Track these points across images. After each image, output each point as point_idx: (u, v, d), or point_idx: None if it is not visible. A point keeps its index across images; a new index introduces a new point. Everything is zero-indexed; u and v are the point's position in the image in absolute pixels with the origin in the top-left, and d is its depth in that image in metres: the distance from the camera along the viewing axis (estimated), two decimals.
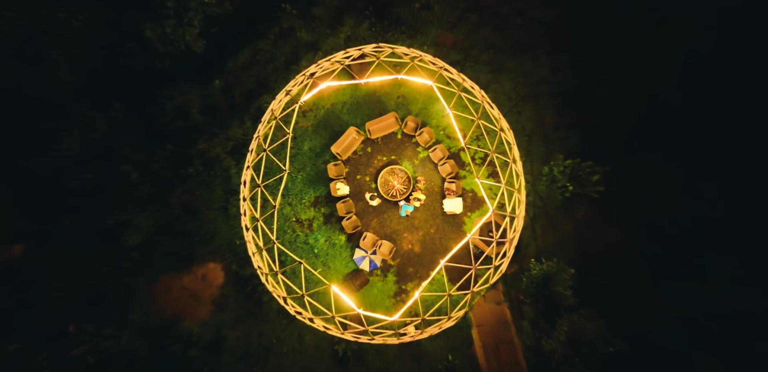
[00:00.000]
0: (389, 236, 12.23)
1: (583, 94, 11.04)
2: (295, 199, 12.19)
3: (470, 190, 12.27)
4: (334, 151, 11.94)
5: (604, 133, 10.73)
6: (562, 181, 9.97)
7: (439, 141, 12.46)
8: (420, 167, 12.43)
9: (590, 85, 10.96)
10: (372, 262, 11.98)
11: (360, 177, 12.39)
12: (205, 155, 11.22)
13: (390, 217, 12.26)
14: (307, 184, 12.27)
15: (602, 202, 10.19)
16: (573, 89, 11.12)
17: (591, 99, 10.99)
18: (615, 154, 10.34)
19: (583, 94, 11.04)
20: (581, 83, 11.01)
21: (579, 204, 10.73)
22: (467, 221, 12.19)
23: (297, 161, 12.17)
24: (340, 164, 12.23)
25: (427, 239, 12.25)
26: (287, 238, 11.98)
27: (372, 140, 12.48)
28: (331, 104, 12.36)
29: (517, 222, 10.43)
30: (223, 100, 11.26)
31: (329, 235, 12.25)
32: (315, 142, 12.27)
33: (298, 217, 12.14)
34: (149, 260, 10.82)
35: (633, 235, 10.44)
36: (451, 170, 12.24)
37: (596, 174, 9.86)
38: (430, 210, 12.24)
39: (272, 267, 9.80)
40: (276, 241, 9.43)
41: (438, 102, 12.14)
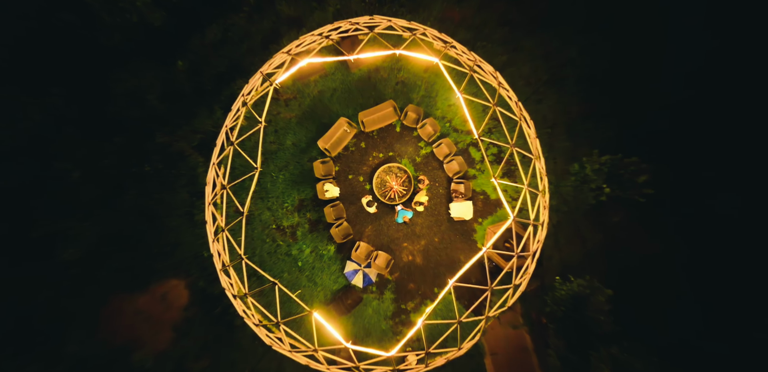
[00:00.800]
0: (386, 246, 9.98)
1: (622, 77, 8.77)
2: (275, 203, 9.91)
3: (481, 192, 10.01)
4: (322, 146, 9.69)
5: (650, 124, 8.47)
6: (597, 181, 7.77)
7: (445, 134, 10.21)
8: (422, 165, 10.18)
9: (631, 66, 8.70)
10: (366, 277, 9.73)
11: (352, 177, 10.13)
12: (166, 151, 8.98)
13: (387, 223, 10.02)
14: (290, 185, 10.00)
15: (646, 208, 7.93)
16: (607, 72, 8.86)
17: (633, 82, 8.73)
18: (665, 150, 8.09)
19: (622, 77, 8.77)
20: (618, 64, 8.75)
21: (614, 209, 8.47)
22: (478, 229, 9.93)
23: (277, 158, 9.90)
24: (328, 162, 9.95)
25: (431, 250, 10.00)
26: (266, 248, 9.70)
27: (366, 134, 10.22)
28: (318, 92, 10.09)
29: (541, 231, 8.13)
30: (188, 86, 8.99)
31: (316, 245, 9.99)
32: (299, 136, 10.01)
33: (279, 224, 9.87)
34: (93, 278, 8.57)
35: (687, 249, 8.19)
36: (458, 169, 9.98)
37: (643, 173, 7.61)
38: (434, 215, 9.99)
39: (241, 288, 7.51)
40: (244, 256, 7.16)
41: (443, 89, 9.89)
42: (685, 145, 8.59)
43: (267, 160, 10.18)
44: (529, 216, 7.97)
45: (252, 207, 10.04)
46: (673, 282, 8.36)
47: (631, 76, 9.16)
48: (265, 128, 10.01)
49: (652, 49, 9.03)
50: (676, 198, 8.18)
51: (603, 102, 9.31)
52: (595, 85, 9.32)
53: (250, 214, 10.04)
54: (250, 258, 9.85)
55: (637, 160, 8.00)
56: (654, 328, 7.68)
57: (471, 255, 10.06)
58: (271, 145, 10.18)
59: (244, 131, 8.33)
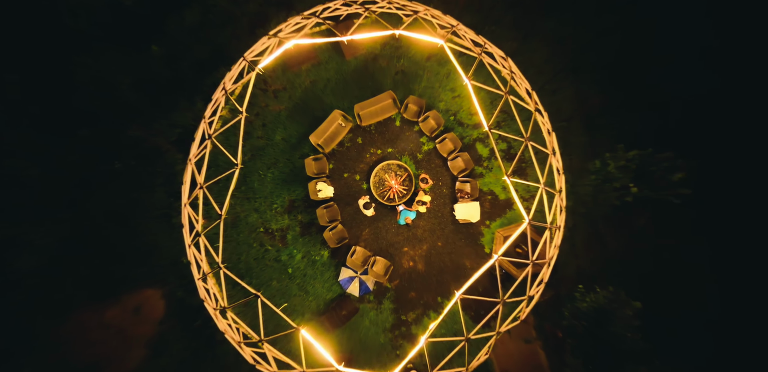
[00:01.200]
0: (385, 251, 8.90)
1: (648, 63, 7.67)
2: (263, 204, 8.79)
3: (489, 192, 8.91)
4: (314, 141, 8.59)
5: (683, 115, 7.38)
6: (623, 180, 6.66)
7: (449, 129, 9.10)
8: (425, 163, 9.08)
9: (660, 49, 7.60)
10: (363, 285, 8.64)
11: (348, 175, 9.03)
12: (139, 146, 7.87)
13: (386, 226, 8.92)
14: (280, 184, 8.89)
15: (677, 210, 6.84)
16: (631, 57, 7.76)
17: (662, 68, 7.63)
18: (700, 144, 7.00)
19: (648, 63, 7.67)
20: (644, 48, 7.65)
21: (638, 211, 7.38)
22: (486, 232, 8.83)
23: (265, 155, 8.79)
24: (321, 159, 8.85)
25: (434, 255, 8.90)
26: (252, 254, 8.58)
27: (363, 128, 9.12)
28: (311, 82, 8.97)
29: (558, 236, 7.03)
30: (165, 74, 7.86)
31: (308, 249, 8.88)
32: (290, 131, 8.90)
33: (267, 227, 8.76)
34: (54, 289, 7.42)
35: (725, 257, 7.11)
36: (464, 166, 8.89)
37: (679, 170, 6.51)
38: (437, 217, 8.90)
39: (221, 300, 6.41)
40: (222, 264, 6.05)
41: (448, 79, 8.79)
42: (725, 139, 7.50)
43: (254, 157, 9.06)
44: (542, 218, 6.88)
45: (237, 208, 8.92)
46: (708, 295, 7.28)
47: (659, 62, 8.05)
48: (252, 122, 8.92)
49: (686, 29, 7.92)
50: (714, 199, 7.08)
51: (626, 91, 8.20)
52: (616, 72, 8.22)
53: (236, 217, 8.93)
54: (234, 264, 8.75)
55: (672, 155, 6.91)
56: (688, 345, 6.60)
57: (478, 261, 8.97)
58: (258, 141, 9.06)
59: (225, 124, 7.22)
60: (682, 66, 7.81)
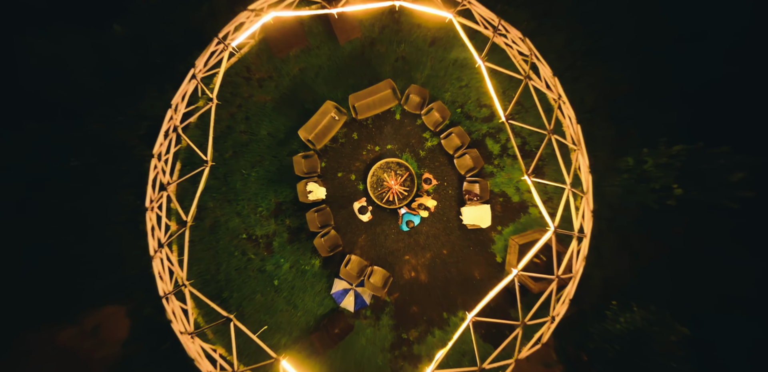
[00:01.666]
0: (383, 260, 7.64)
1: (688, 43, 6.41)
2: (246, 207, 7.52)
3: (500, 194, 7.64)
4: (304, 137, 7.32)
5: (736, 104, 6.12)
6: (665, 179, 5.37)
7: (456, 123, 7.83)
8: (428, 161, 7.83)
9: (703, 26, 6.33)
10: (358, 299, 7.39)
11: (342, 175, 7.76)
12: (101, 141, 6.61)
13: (385, 231, 7.66)
14: (265, 184, 7.63)
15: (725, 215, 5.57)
16: (669, 38, 6.49)
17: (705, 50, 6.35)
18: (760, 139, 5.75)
19: (688, 43, 6.41)
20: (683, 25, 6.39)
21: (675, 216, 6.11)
22: (497, 239, 7.56)
23: (249, 152, 7.52)
24: (312, 156, 7.58)
25: (438, 264, 7.64)
26: (234, 263, 7.31)
27: (359, 122, 7.86)
28: (300, 70, 7.69)
29: (585, 245, 5.76)
30: (130, 57, 6.58)
31: (296, 258, 7.61)
32: (276, 125, 7.64)
33: (251, 233, 7.49)
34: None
35: None
36: (472, 165, 7.61)
37: (738, 169, 5.23)
38: (442, 221, 7.64)
39: (186, 324, 5.13)
40: (187, 282, 4.81)
41: (455, 66, 7.57)
42: None
43: (236, 154, 7.79)
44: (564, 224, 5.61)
45: (217, 212, 7.66)
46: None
47: (701, 42, 6.77)
48: (234, 115, 7.65)
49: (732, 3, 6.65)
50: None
51: (661, 77, 6.92)
52: (649, 55, 6.94)
53: (215, 221, 7.65)
54: (213, 275, 7.48)
55: (729, 151, 5.63)
56: None
57: (489, 271, 7.72)
58: (241, 136, 7.79)
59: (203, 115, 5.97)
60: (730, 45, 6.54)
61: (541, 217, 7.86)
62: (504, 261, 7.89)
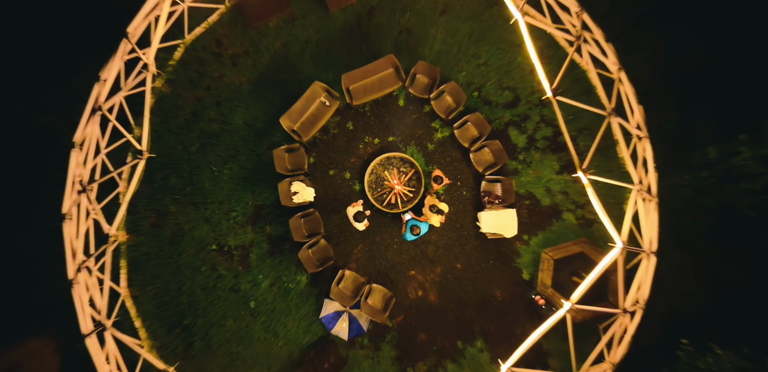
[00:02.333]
0: (384, 276, 5.93)
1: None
2: (217, 212, 5.78)
3: (526, 195, 5.91)
4: (288, 126, 5.59)
5: None
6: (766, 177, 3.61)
7: (472, 109, 6.04)
8: (437, 155, 6.10)
9: None
10: (354, 324, 5.70)
11: (334, 172, 6.02)
12: (23, 128, 4.82)
13: (385, 241, 5.94)
14: (241, 184, 5.87)
15: None
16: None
17: None
18: None
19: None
20: None
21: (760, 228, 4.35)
22: (523, 251, 5.86)
23: (220, 144, 5.81)
24: (298, 150, 5.86)
25: (451, 281, 5.92)
26: (200, 281, 5.59)
27: (354, 109, 6.13)
28: (282, 44, 5.97)
29: (651, 266, 3.94)
30: (62, 22, 4.82)
31: (278, 274, 5.88)
32: (254, 112, 5.94)
33: (222, 244, 5.75)
34: None
35: None
36: (493, 160, 5.88)
37: None
38: (454, 229, 5.92)
39: None
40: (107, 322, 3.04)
41: (471, 40, 5.85)
42: None
43: (204, 147, 6.07)
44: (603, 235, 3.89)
45: (180, 218, 5.94)
46: None
47: None
48: (202, 99, 5.97)
49: None
50: None
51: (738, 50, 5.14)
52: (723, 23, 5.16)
53: (176, 230, 5.91)
54: (173, 297, 5.74)
55: None
56: None
57: (513, 290, 6.05)
58: (210, 125, 6.06)
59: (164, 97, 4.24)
60: None
61: (579, 224, 6.11)
62: (532, 278, 6.13)
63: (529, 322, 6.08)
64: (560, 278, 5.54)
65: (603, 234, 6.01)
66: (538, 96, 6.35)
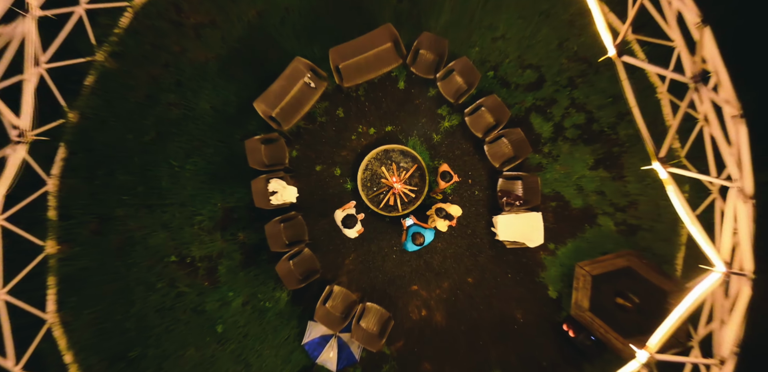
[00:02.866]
0: (381, 292, 4.69)
1: None
2: (178, 216, 4.41)
3: (552, 195, 4.60)
4: (264, 112, 4.25)
5: None
6: None
7: (487, 92, 4.67)
8: (445, 148, 4.78)
9: None
10: (344, 351, 4.40)
11: (321, 168, 4.65)
12: None
13: (383, 250, 4.61)
14: (207, 182, 4.50)
15: None
16: None
17: None
18: None
19: None
20: None
21: None
22: (548, 262, 4.54)
23: (183, 134, 4.52)
24: (277, 141, 4.54)
25: (461, 298, 4.62)
26: (153, 302, 4.23)
27: (345, 92, 4.78)
28: (257, 13, 4.63)
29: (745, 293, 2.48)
30: None
31: (253, 291, 4.52)
32: (224, 95, 4.59)
33: (184, 255, 4.38)
34: None
35: None
36: (512, 153, 4.58)
37: None
38: (465, 236, 4.60)
39: None
40: None
41: (485, 9, 4.58)
42: None
43: (162, 136, 4.75)
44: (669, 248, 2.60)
45: (130, 223, 4.59)
46: None
47: None
48: (157, 78, 4.58)
49: None
50: None
51: None
52: None
53: (125, 238, 4.55)
54: (118, 322, 4.37)
55: None
56: None
57: (537, 310, 4.85)
58: (169, 110, 4.75)
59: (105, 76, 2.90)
60: None
61: (619, 230, 4.80)
62: (561, 296, 4.83)
63: (557, 351, 4.80)
64: (601, 299, 4.26)
65: (651, 244, 4.75)
66: (567, 76, 5.06)
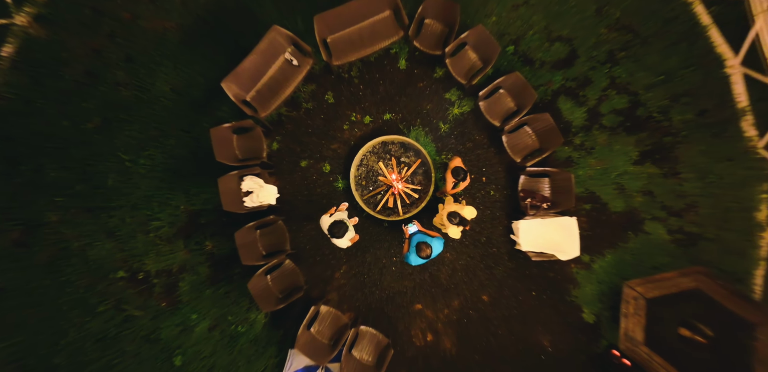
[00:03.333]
0: (378, 312, 3.62)
1: None
2: (128, 221, 3.29)
3: (586, 195, 3.47)
4: (235, 94, 3.13)
5: None
6: None
7: (506, 70, 3.54)
8: (454, 139, 3.59)
9: None
10: None
11: (307, 163, 3.55)
12: None
13: (380, 260, 3.55)
14: (167, 180, 3.39)
15: None
16: None
17: None
18: None
19: None
20: None
21: None
22: (582, 278, 3.43)
23: (136, 120, 3.36)
24: (253, 130, 3.34)
25: (474, 319, 3.56)
26: (94, 329, 3.09)
27: (335, 71, 3.62)
28: None
29: None
30: None
31: (222, 313, 3.36)
32: (187, 74, 3.53)
33: (135, 269, 3.23)
34: None
35: None
36: (537, 145, 3.47)
37: None
38: (479, 245, 3.50)
39: None
40: None
41: None
42: None
43: (108, 124, 3.65)
44: None
45: (65, 231, 3.56)
46: None
47: None
48: (102, 52, 3.66)
49: None
50: None
51: None
52: None
53: (57, 250, 3.41)
54: (44, 358, 3.24)
55: None
56: None
57: (568, 338, 3.83)
58: (118, 92, 3.64)
59: None
60: None
61: (674, 239, 3.77)
62: (599, 321, 3.76)
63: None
64: (660, 330, 3.21)
65: (718, 258, 3.70)
66: (606, 49, 3.99)
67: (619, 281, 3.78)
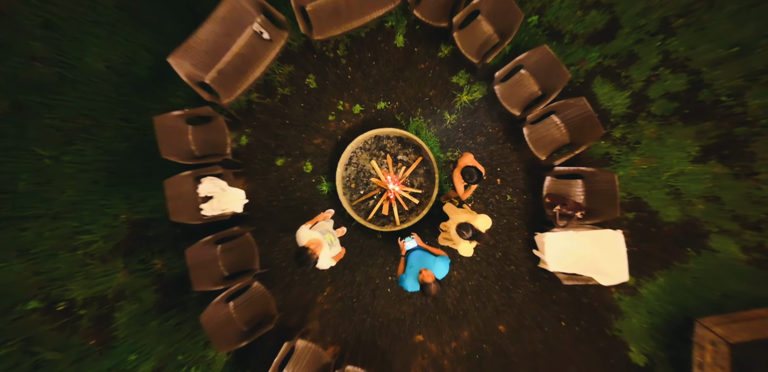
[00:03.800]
0: (369, 346, 2.49)
1: None
2: (47, 235, 2.22)
3: (630, 201, 2.39)
4: (188, 74, 2.17)
5: None
6: None
7: (527, 46, 2.52)
8: (463, 133, 2.60)
9: None
10: None
11: (284, 162, 2.48)
12: None
13: (372, 280, 2.52)
14: (101, 183, 2.21)
15: None
16: None
17: None
18: None
19: None
20: None
21: None
22: (626, 306, 2.57)
23: (58, 106, 2.50)
24: (215, 121, 2.18)
25: (489, 356, 2.74)
26: None
27: (317, 50, 2.51)
28: None
29: None
30: None
31: (173, 350, 2.25)
32: (128, 47, 2.53)
33: (55, 297, 2.10)
34: None
35: None
36: (566, 139, 2.46)
37: None
38: (493, 261, 2.52)
39: None
40: None
41: None
42: None
43: (23, 110, 2.64)
44: None
45: None
46: None
47: None
48: (9, 16, 2.35)
49: None
50: None
51: None
52: None
53: None
54: None
55: None
56: None
57: None
58: (32, 67, 2.56)
59: None
60: None
61: (751, 260, 2.84)
62: (653, 364, 2.82)
63: None
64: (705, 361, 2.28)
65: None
66: (658, 16, 3.09)
67: (677, 313, 2.87)
